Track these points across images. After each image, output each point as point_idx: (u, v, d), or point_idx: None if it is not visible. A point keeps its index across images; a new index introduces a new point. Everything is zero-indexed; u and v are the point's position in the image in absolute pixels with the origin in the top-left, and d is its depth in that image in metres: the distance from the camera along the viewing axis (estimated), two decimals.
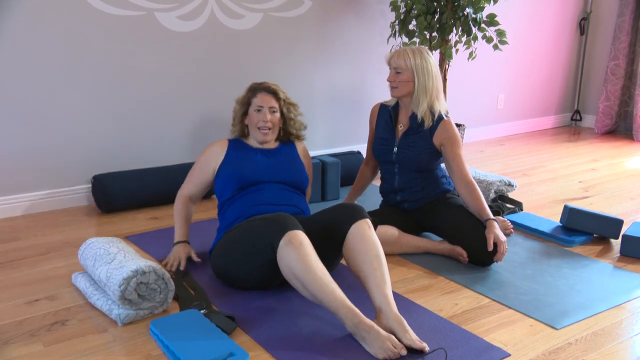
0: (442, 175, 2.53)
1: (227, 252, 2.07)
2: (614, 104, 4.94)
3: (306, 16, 3.64)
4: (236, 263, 2.04)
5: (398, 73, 2.36)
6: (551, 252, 2.49)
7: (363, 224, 1.96)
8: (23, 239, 2.65)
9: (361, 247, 1.91)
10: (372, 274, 1.86)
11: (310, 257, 1.79)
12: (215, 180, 2.34)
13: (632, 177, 3.67)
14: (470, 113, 4.68)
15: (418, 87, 2.34)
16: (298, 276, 1.77)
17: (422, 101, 2.36)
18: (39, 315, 1.95)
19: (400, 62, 2.34)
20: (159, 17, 3.14)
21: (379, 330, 1.69)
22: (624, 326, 1.89)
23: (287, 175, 2.30)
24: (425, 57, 2.33)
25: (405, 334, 1.72)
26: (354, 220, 1.97)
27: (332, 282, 1.77)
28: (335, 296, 1.73)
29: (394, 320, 1.75)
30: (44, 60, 2.87)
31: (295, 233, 1.83)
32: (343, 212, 2.01)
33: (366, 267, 1.87)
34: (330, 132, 3.94)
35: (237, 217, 2.19)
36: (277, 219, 1.89)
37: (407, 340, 1.70)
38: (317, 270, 1.76)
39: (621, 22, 4.78)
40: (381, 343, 1.66)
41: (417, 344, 1.69)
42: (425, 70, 2.32)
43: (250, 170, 2.26)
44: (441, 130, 2.38)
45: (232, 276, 2.08)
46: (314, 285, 1.74)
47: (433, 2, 3.47)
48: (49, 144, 2.97)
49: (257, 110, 2.33)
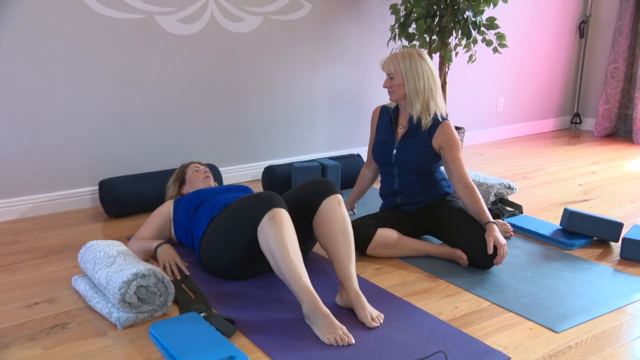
0: (442, 178, 2.53)
1: (214, 233, 2.13)
2: (613, 107, 4.95)
3: (306, 19, 3.65)
4: (221, 242, 2.10)
5: (391, 78, 2.39)
6: (551, 255, 2.49)
7: (334, 199, 2.06)
8: (23, 241, 2.65)
9: (329, 221, 2.02)
10: (338, 249, 1.98)
11: (287, 235, 1.88)
12: (177, 215, 2.44)
13: (632, 180, 3.67)
14: (470, 116, 4.69)
15: (408, 89, 2.36)
16: (272, 251, 1.87)
17: (415, 102, 2.37)
18: (39, 319, 1.95)
19: (391, 67, 2.38)
20: (160, 20, 3.15)
21: (334, 321, 1.77)
22: (624, 329, 1.89)
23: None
24: (415, 59, 2.34)
25: (362, 311, 1.85)
26: (326, 195, 2.06)
27: (301, 266, 1.86)
28: (300, 278, 1.82)
29: (354, 295, 1.88)
30: (44, 64, 2.88)
31: (279, 210, 1.92)
32: (315, 188, 2.10)
33: (333, 242, 1.99)
34: (330, 135, 3.94)
35: (213, 208, 2.29)
36: (265, 196, 1.97)
37: (361, 317, 1.84)
38: (290, 251, 1.85)
39: (620, 25, 4.79)
40: (332, 330, 1.75)
41: (370, 322, 1.83)
42: (414, 72, 2.33)
43: (206, 190, 2.49)
44: (440, 132, 2.39)
45: (216, 261, 2.15)
46: (284, 263, 1.84)
47: (433, 5, 3.48)
48: (50, 147, 2.98)
49: (195, 171, 2.66)
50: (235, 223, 2.03)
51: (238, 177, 3.62)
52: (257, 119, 3.61)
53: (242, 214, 2.00)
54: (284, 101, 3.69)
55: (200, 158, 3.44)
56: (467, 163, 4.07)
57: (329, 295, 2.07)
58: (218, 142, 3.50)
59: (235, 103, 3.51)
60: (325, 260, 2.39)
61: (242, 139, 3.59)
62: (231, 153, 3.57)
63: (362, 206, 3.06)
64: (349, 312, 1.95)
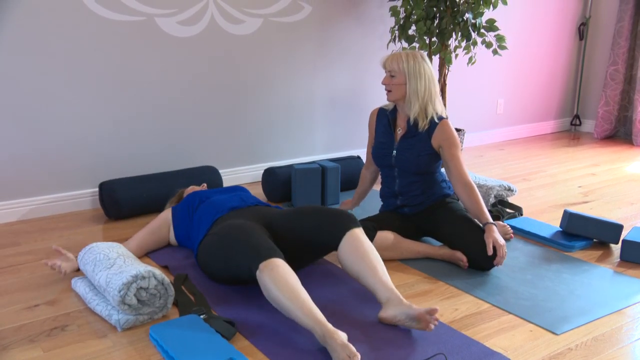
0: (442, 180, 2.53)
1: (213, 247, 2.11)
2: (613, 108, 4.95)
3: (306, 21, 3.65)
4: (221, 263, 2.07)
5: (392, 76, 2.38)
6: (551, 257, 2.49)
7: (358, 232, 2.04)
8: (23, 243, 2.65)
9: (360, 254, 1.98)
10: (376, 274, 1.94)
11: (282, 284, 1.77)
12: (177, 217, 2.46)
13: (632, 181, 3.67)
14: (469, 118, 4.69)
15: (409, 89, 2.36)
16: (272, 300, 1.81)
17: (414, 103, 2.37)
18: (39, 321, 1.95)
19: (394, 65, 2.36)
20: (160, 22, 3.15)
21: (340, 343, 1.64)
22: (624, 331, 1.89)
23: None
24: (419, 60, 2.35)
25: (411, 310, 1.81)
26: (347, 229, 2.03)
27: (302, 300, 1.75)
28: (307, 315, 1.72)
29: (401, 303, 1.86)
30: (44, 66, 2.88)
31: (268, 263, 1.83)
32: (333, 221, 2.05)
33: (368, 270, 1.95)
34: (330, 137, 3.95)
35: (215, 208, 2.30)
36: (252, 246, 1.90)
37: (415, 309, 1.81)
38: (289, 298, 1.75)
39: (620, 28, 4.79)
40: (340, 353, 1.62)
41: (432, 319, 1.78)
42: (417, 73, 2.33)
43: (203, 191, 2.53)
44: (439, 131, 2.39)
45: (214, 271, 2.14)
46: (287, 309, 1.76)
47: (433, 7, 3.48)
48: (49, 149, 2.98)
49: (192, 189, 2.72)
50: (233, 259, 1.99)
51: (238, 178, 3.62)
52: (257, 120, 3.61)
53: (238, 256, 1.94)
54: (284, 103, 3.69)
55: (200, 160, 3.44)
56: (467, 165, 4.07)
57: (328, 292, 2.06)
58: (218, 144, 3.50)
59: (235, 105, 3.51)
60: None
61: (242, 141, 3.59)
62: (231, 155, 3.57)
63: (363, 209, 3.06)
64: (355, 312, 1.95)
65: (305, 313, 1.73)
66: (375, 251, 2.02)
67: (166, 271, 2.33)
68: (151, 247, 2.47)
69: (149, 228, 2.47)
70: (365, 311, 1.99)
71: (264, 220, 2.22)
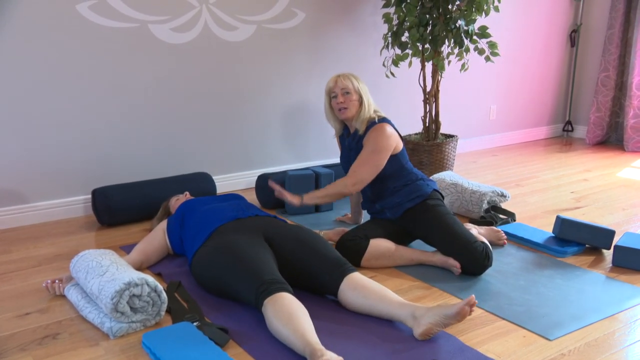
0: (419, 178, 2.55)
1: (208, 273, 2.10)
2: (604, 115, 4.98)
3: (299, 28, 3.66)
4: (221, 284, 2.06)
5: (347, 94, 2.51)
6: (544, 262, 2.50)
7: (356, 276, 2.02)
8: (14, 251, 2.63)
9: (364, 291, 1.97)
10: (385, 299, 1.93)
11: (285, 322, 1.74)
12: (170, 228, 2.46)
13: (624, 187, 3.69)
14: (462, 124, 4.71)
15: (364, 105, 2.54)
16: (274, 333, 1.79)
17: (364, 117, 2.55)
18: (30, 329, 1.93)
19: (348, 83, 2.53)
20: (153, 29, 3.15)
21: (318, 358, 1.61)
22: (616, 337, 1.90)
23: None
24: (360, 79, 2.59)
25: (447, 309, 1.80)
26: (342, 276, 2.02)
27: (303, 334, 1.70)
28: (298, 339, 1.70)
29: (429, 310, 1.83)
30: (37, 72, 2.87)
31: (272, 299, 1.82)
32: (330, 271, 2.05)
33: (377, 301, 1.94)
34: (324, 144, 3.95)
35: (210, 217, 2.30)
36: (257, 277, 1.89)
37: (452, 306, 1.81)
38: (290, 332, 1.72)
39: (611, 35, 4.84)
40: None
41: (468, 310, 1.79)
42: (365, 90, 2.56)
43: (189, 201, 2.52)
44: (370, 132, 2.52)
45: (210, 285, 2.13)
46: (289, 343, 1.74)
47: (425, 14, 3.50)
48: (42, 155, 2.97)
49: (176, 199, 2.74)
50: (232, 286, 1.98)
51: (232, 185, 3.61)
52: (251, 127, 3.61)
53: (240, 286, 1.94)
54: (277, 109, 3.69)
55: (193, 166, 3.44)
56: (460, 171, 4.09)
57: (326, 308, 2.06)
58: (212, 150, 3.50)
59: (229, 111, 3.51)
60: None
61: (235, 147, 3.59)
62: (225, 161, 3.57)
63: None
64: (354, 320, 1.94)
65: (298, 337, 1.70)
66: (375, 282, 2.01)
67: (159, 278, 2.32)
68: (152, 256, 2.43)
69: (148, 239, 2.46)
70: (359, 322, 1.98)
71: (265, 233, 2.21)
